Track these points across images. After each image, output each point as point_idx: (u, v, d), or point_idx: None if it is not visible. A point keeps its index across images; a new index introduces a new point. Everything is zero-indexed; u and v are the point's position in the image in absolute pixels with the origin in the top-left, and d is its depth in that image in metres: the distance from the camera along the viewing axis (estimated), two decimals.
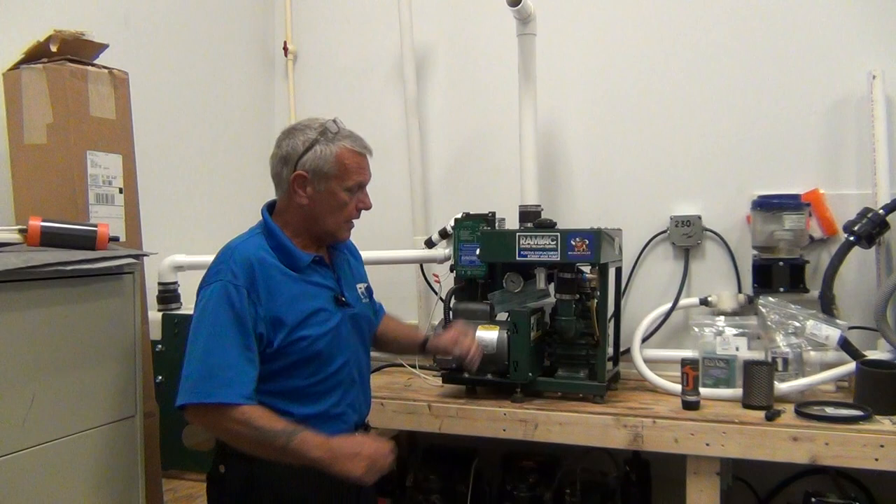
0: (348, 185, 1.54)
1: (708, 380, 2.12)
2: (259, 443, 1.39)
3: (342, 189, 1.53)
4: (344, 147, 1.53)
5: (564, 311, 2.08)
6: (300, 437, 1.39)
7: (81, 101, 1.70)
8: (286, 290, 1.49)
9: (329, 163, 1.52)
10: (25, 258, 1.36)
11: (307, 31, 3.02)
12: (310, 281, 1.54)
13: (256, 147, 3.00)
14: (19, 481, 1.36)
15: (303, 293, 1.51)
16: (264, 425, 1.38)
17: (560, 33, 2.58)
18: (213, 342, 1.41)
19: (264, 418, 1.40)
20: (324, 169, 1.52)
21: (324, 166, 1.52)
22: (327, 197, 1.53)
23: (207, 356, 1.41)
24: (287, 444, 1.38)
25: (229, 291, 1.43)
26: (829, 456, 1.79)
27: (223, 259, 1.49)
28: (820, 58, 2.35)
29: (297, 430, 1.40)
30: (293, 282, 1.51)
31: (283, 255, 1.52)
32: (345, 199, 1.54)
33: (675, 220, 2.48)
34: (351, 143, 1.55)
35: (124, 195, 1.80)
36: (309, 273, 1.55)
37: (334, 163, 1.52)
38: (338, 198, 1.54)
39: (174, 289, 2.34)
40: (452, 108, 2.81)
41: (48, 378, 1.42)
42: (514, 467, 2.39)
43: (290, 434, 1.38)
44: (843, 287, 2.25)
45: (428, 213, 2.80)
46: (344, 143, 1.53)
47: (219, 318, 1.42)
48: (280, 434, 1.38)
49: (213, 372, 1.39)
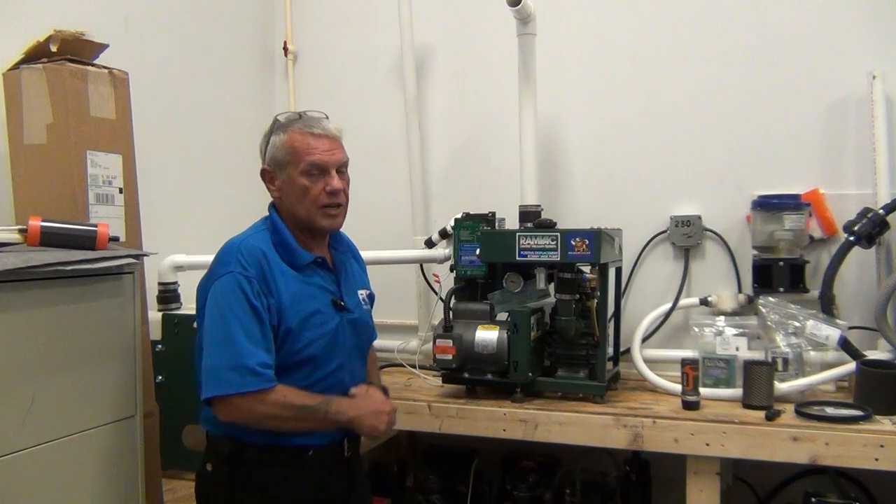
0: (302, 167, 1.51)
1: (708, 380, 2.12)
2: (300, 419, 1.46)
3: (298, 173, 1.51)
4: (293, 132, 1.53)
5: (564, 311, 2.08)
6: (335, 405, 1.49)
7: (81, 101, 1.70)
8: (288, 288, 1.49)
9: (281, 150, 1.53)
10: (25, 258, 1.36)
11: (307, 30, 3.02)
12: (310, 282, 1.53)
13: (256, 147, 2.99)
14: (19, 481, 1.36)
15: (302, 293, 1.51)
16: (303, 402, 1.46)
17: (560, 33, 2.57)
18: (233, 332, 1.41)
19: (299, 396, 1.46)
20: (277, 157, 1.54)
21: (277, 154, 1.54)
22: (290, 185, 1.53)
23: (230, 346, 1.41)
24: (326, 414, 1.47)
25: (241, 283, 1.43)
26: (829, 456, 1.79)
27: (229, 252, 1.49)
28: (820, 58, 2.35)
29: (329, 399, 1.49)
30: (294, 281, 1.51)
31: (285, 252, 1.52)
32: (304, 184, 1.51)
33: (675, 220, 2.48)
34: (301, 126, 1.53)
35: (124, 195, 1.80)
36: (309, 273, 1.54)
37: (286, 149, 1.52)
38: (297, 183, 1.52)
39: (174, 289, 2.34)
40: (452, 108, 2.81)
41: (48, 378, 1.42)
42: (514, 467, 2.39)
43: (326, 404, 1.47)
44: (843, 287, 2.25)
45: (428, 213, 2.80)
46: (294, 128, 1.53)
47: (235, 310, 1.43)
48: (319, 407, 1.46)
49: (240, 362, 1.40)
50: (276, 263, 1.49)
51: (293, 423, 1.46)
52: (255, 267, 1.46)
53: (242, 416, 1.44)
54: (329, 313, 1.54)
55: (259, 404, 1.42)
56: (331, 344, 1.53)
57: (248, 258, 1.46)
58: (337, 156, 1.54)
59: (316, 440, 1.53)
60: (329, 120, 1.59)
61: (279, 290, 1.47)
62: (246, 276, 1.44)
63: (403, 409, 2.16)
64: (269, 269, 1.47)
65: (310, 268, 1.55)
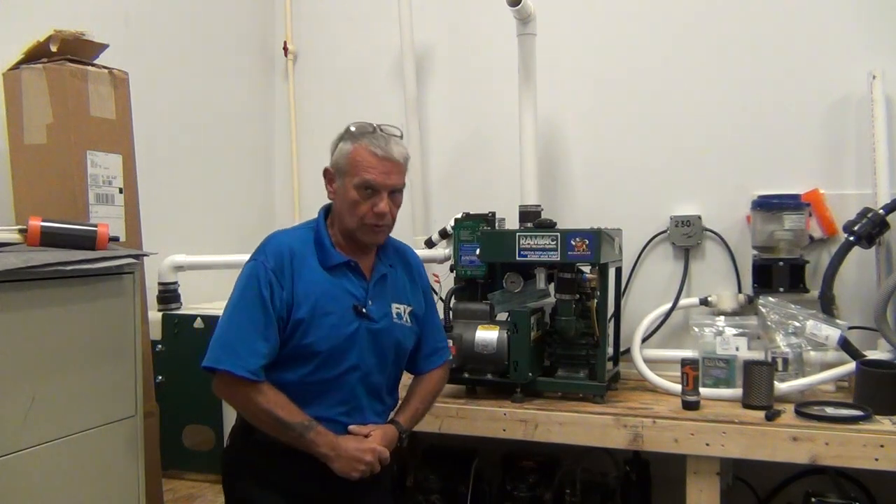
0: (356, 182, 1.53)
1: (708, 380, 2.12)
2: (275, 430, 1.49)
3: (351, 185, 1.54)
4: (360, 145, 1.55)
5: (564, 311, 2.08)
6: (314, 434, 1.49)
7: (81, 101, 1.70)
8: (309, 282, 1.53)
9: (344, 158, 1.56)
10: (25, 258, 1.36)
11: (307, 31, 3.02)
12: (337, 283, 1.56)
13: (256, 147, 3.00)
14: (19, 481, 1.36)
15: (324, 292, 1.54)
16: (282, 417, 1.48)
17: (560, 33, 2.57)
18: (235, 315, 1.50)
19: (282, 408, 1.48)
20: (340, 164, 1.57)
21: (340, 161, 1.57)
22: (343, 193, 1.56)
23: (228, 327, 1.50)
24: (301, 438, 1.48)
25: (258, 272, 1.51)
26: (829, 456, 1.79)
27: (263, 243, 1.57)
28: (820, 58, 2.35)
29: (311, 425, 1.49)
30: (320, 278, 1.54)
31: (320, 251, 1.57)
32: (354, 197, 1.54)
33: (675, 220, 2.48)
34: (368, 142, 1.55)
35: (124, 195, 1.80)
36: (339, 275, 1.57)
37: (348, 159, 1.55)
38: (349, 194, 1.54)
39: (174, 289, 2.34)
40: (452, 108, 2.81)
41: (48, 378, 1.42)
42: (514, 467, 2.39)
43: (305, 429, 1.48)
44: (843, 287, 2.25)
45: (428, 213, 2.80)
46: (362, 142, 1.55)
47: (244, 295, 1.51)
48: (296, 428, 1.48)
49: (228, 342, 1.48)
50: (305, 259, 1.55)
51: (267, 428, 1.50)
52: (276, 259, 1.52)
53: (224, 395, 1.55)
54: (346, 317, 1.54)
55: (236, 392, 1.49)
56: (342, 347, 1.53)
57: (272, 250, 1.54)
58: (392, 180, 1.56)
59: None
60: (399, 141, 1.60)
61: (296, 283, 1.51)
62: (265, 265, 1.51)
63: None
64: (291, 263, 1.52)
65: (340, 269, 1.57)
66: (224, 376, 1.47)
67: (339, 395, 1.55)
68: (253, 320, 1.48)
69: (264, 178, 3.02)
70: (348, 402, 1.57)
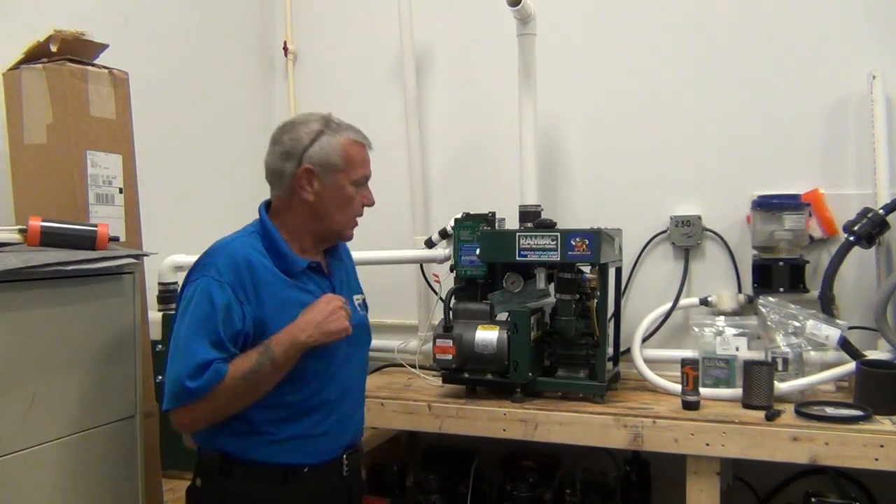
0: (354, 177, 1.50)
1: (708, 380, 2.12)
2: (252, 388, 1.36)
3: (349, 182, 1.49)
4: (348, 138, 1.49)
5: (564, 311, 2.08)
6: (273, 350, 1.36)
7: (81, 101, 1.70)
8: (276, 294, 1.42)
9: (336, 154, 1.47)
10: (25, 258, 1.35)
11: (307, 31, 3.02)
12: (304, 288, 1.47)
13: (256, 147, 2.99)
14: (19, 481, 1.36)
15: (295, 300, 1.44)
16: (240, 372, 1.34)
17: (560, 33, 2.57)
18: (186, 338, 1.36)
19: (235, 368, 1.35)
20: (331, 161, 1.47)
21: (331, 157, 1.47)
22: (334, 192, 1.48)
23: (182, 355, 1.35)
24: (274, 364, 1.36)
25: (210, 289, 1.37)
26: (829, 456, 1.79)
27: (208, 255, 1.44)
28: (820, 58, 2.35)
29: (267, 347, 1.37)
30: (285, 287, 1.44)
31: (278, 258, 1.45)
32: (351, 194, 1.50)
33: (675, 220, 2.48)
34: (354, 135, 1.51)
35: (124, 195, 1.80)
36: (303, 280, 1.48)
37: (341, 154, 1.47)
38: (345, 192, 1.49)
39: (174, 289, 2.34)
40: (452, 108, 2.81)
41: (48, 378, 1.42)
42: (514, 467, 2.39)
43: (265, 352, 1.36)
44: (843, 287, 2.25)
45: (428, 213, 2.80)
46: (347, 135, 1.50)
47: (195, 316, 1.36)
48: (260, 365, 1.35)
49: (192, 364, 1.33)
50: (265, 269, 1.42)
51: (248, 396, 1.37)
52: (231, 272, 1.39)
53: (189, 426, 1.42)
54: None
55: (202, 404, 1.35)
56: (326, 356, 1.46)
57: (225, 263, 1.40)
58: (371, 169, 1.56)
59: (312, 458, 1.47)
60: None
61: (262, 298, 1.40)
62: (218, 281, 1.38)
63: (403, 410, 2.17)
64: (252, 275, 1.40)
65: (305, 274, 1.49)
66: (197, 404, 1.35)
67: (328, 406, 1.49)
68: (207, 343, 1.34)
69: (264, 177, 3.01)
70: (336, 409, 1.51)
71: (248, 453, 1.43)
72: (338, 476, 1.53)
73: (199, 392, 1.33)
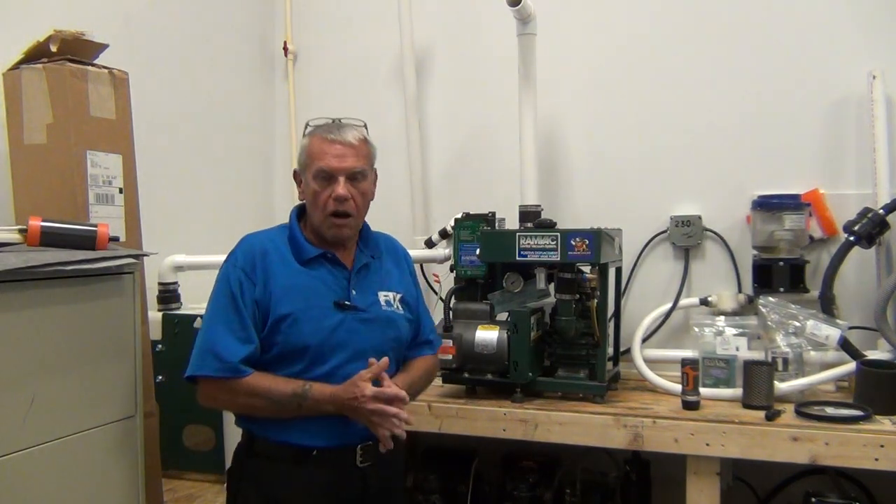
0: (312, 172, 1.53)
1: (708, 380, 2.12)
2: (274, 410, 1.47)
3: (311, 178, 1.54)
4: (313, 136, 1.56)
5: (564, 311, 2.08)
6: (311, 396, 1.45)
7: (81, 101, 1.70)
8: (284, 278, 1.51)
9: (303, 154, 1.57)
10: (25, 258, 1.35)
11: (307, 31, 3.02)
12: (315, 275, 1.54)
13: (256, 147, 3.00)
14: (19, 481, 1.36)
15: (302, 285, 1.52)
16: (276, 396, 1.45)
17: (560, 33, 2.57)
18: (210, 321, 1.50)
19: (273, 383, 1.47)
20: (301, 160, 1.58)
21: (300, 158, 1.58)
22: (306, 189, 1.57)
23: (205, 334, 1.50)
24: (300, 407, 1.46)
25: (229, 274, 1.51)
26: (829, 456, 1.79)
27: (235, 246, 1.57)
28: (820, 58, 2.35)
29: (307, 389, 1.46)
30: (295, 273, 1.53)
31: (294, 247, 1.56)
32: (314, 189, 1.53)
33: (675, 220, 2.48)
34: (321, 132, 1.55)
35: (124, 195, 1.80)
36: (316, 267, 1.55)
37: (305, 153, 1.56)
38: (309, 187, 1.55)
39: (174, 289, 2.34)
40: (452, 108, 2.81)
41: (48, 378, 1.42)
42: (514, 467, 2.39)
43: (300, 397, 1.45)
44: (843, 287, 2.25)
45: (428, 213, 2.80)
46: (315, 133, 1.56)
47: (217, 299, 1.51)
48: (291, 399, 1.45)
49: (206, 348, 1.48)
50: (279, 256, 1.53)
51: (267, 412, 1.48)
52: (246, 259, 1.52)
53: (209, 401, 1.53)
54: (328, 308, 1.52)
55: (221, 392, 1.48)
56: (330, 340, 1.50)
57: (243, 250, 1.54)
58: (347, 163, 1.52)
59: (321, 441, 1.50)
60: (357, 127, 1.58)
61: (270, 280, 1.50)
62: (235, 265, 1.52)
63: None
64: (264, 261, 1.52)
65: (317, 262, 1.56)
66: (205, 383, 1.49)
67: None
68: (227, 321, 1.48)
69: (264, 177, 3.02)
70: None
71: (265, 431, 1.52)
72: (351, 465, 1.54)
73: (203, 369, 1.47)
